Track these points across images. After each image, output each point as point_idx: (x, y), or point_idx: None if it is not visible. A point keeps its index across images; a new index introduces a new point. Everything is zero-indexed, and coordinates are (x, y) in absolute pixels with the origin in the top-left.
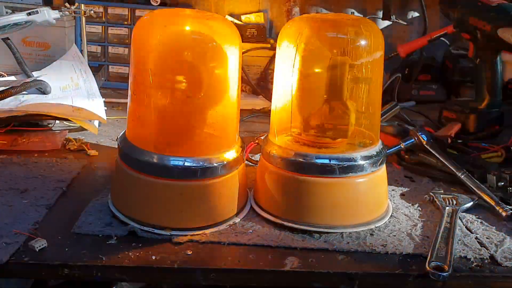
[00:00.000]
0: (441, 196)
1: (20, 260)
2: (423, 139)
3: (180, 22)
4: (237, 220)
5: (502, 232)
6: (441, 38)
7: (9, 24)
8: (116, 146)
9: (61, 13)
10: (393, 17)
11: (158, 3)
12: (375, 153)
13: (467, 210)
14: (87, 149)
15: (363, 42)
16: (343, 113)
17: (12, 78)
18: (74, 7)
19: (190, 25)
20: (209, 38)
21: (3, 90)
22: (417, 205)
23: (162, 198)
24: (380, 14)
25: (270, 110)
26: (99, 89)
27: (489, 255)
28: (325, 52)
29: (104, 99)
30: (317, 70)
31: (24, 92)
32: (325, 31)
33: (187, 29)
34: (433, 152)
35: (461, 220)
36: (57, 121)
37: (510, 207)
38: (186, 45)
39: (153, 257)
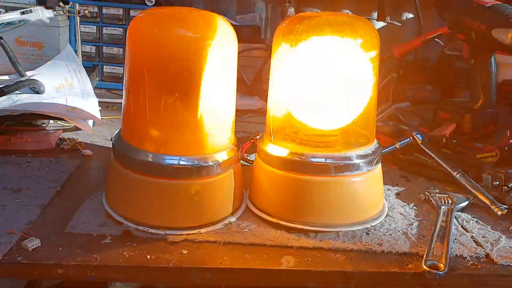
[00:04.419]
0: (437, 195)
1: (13, 260)
2: (419, 139)
3: (176, 20)
4: (232, 219)
5: (497, 231)
6: (436, 39)
7: (2, 23)
8: (111, 146)
9: (55, 12)
10: (387, 18)
11: (153, 3)
12: (371, 152)
13: (463, 209)
14: (81, 149)
15: (359, 41)
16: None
17: (5, 77)
18: (68, 6)
19: (186, 23)
20: (205, 36)
21: None
22: (412, 204)
23: (157, 197)
24: (375, 15)
25: (265, 110)
26: (93, 89)
27: (485, 253)
28: (321, 51)
29: (98, 99)
30: (312, 69)
31: (18, 92)
32: (320, 30)
33: (183, 27)
34: (428, 151)
35: (456, 219)
36: (51, 121)
37: (505, 206)
38: (182, 43)
39: (148, 257)
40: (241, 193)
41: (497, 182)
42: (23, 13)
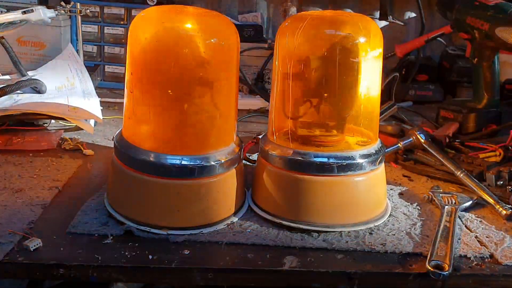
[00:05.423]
0: (440, 195)
1: (14, 260)
2: (422, 139)
3: (178, 18)
4: (235, 219)
5: (501, 231)
6: (438, 38)
7: (4, 23)
8: (112, 146)
9: (56, 12)
10: (390, 17)
11: (155, 3)
12: (374, 152)
13: (467, 209)
14: (83, 149)
15: (361, 40)
16: (337, 110)
17: (7, 77)
18: (70, 6)
19: (187, 22)
20: (207, 35)
21: None
22: (416, 204)
23: (159, 197)
24: (377, 14)
25: (267, 110)
26: (95, 89)
27: (489, 254)
28: (324, 50)
29: (100, 98)
30: (315, 67)
31: (19, 91)
32: (324, 29)
33: (184, 26)
34: (431, 151)
35: (460, 219)
36: (53, 121)
37: (509, 205)
38: (184, 42)
39: (150, 257)
40: (243, 193)
41: (501, 182)
42: (24, 12)
